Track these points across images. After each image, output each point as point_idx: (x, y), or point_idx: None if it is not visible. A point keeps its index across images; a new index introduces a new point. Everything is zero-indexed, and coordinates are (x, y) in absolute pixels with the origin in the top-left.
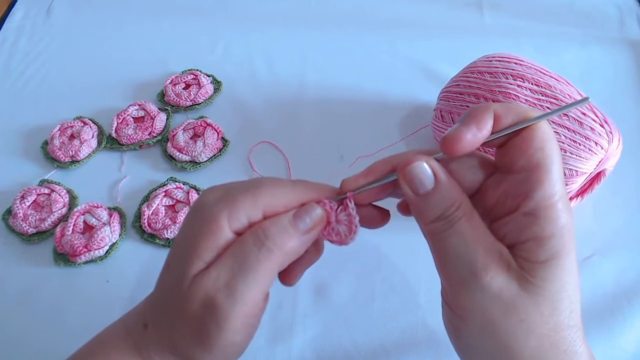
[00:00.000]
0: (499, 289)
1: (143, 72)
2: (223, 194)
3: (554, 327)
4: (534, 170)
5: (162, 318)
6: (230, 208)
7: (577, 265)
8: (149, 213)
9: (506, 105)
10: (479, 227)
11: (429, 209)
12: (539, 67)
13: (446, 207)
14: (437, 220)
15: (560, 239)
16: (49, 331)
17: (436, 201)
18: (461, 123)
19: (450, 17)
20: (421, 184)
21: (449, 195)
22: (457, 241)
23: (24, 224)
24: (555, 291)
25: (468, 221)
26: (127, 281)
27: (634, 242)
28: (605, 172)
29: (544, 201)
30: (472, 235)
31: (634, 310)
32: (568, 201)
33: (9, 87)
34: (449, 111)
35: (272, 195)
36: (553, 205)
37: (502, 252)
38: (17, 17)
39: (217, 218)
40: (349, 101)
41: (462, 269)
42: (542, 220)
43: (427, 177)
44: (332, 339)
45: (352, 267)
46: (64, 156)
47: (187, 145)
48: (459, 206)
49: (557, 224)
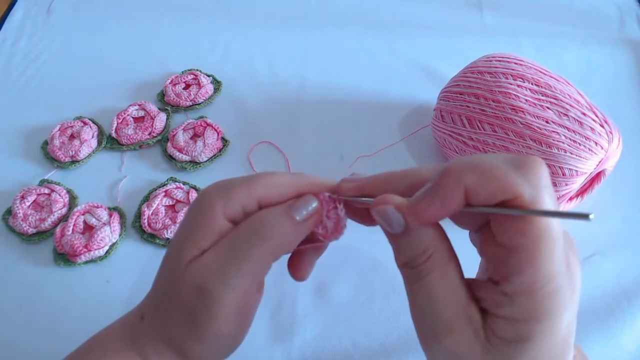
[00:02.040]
0: (459, 355)
1: (143, 72)
2: (221, 185)
3: None
4: (515, 252)
5: (157, 307)
6: (225, 197)
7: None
8: (149, 213)
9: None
10: (451, 285)
11: (399, 250)
12: (539, 67)
13: (414, 255)
14: (405, 266)
15: (534, 325)
16: (49, 331)
17: (405, 246)
18: (425, 194)
19: (450, 17)
20: (390, 226)
21: (418, 243)
22: (424, 296)
23: (24, 224)
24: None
25: (439, 277)
26: (127, 281)
27: (634, 242)
28: (605, 172)
29: (522, 287)
30: (441, 294)
31: (634, 310)
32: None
33: (9, 87)
34: (449, 111)
35: (268, 185)
36: (533, 293)
37: (472, 318)
38: (17, 17)
39: (213, 206)
40: (349, 101)
41: (427, 324)
42: (517, 306)
43: (395, 221)
44: (332, 339)
45: (352, 267)
46: (64, 156)
47: (187, 145)
48: (428, 257)
49: (533, 312)
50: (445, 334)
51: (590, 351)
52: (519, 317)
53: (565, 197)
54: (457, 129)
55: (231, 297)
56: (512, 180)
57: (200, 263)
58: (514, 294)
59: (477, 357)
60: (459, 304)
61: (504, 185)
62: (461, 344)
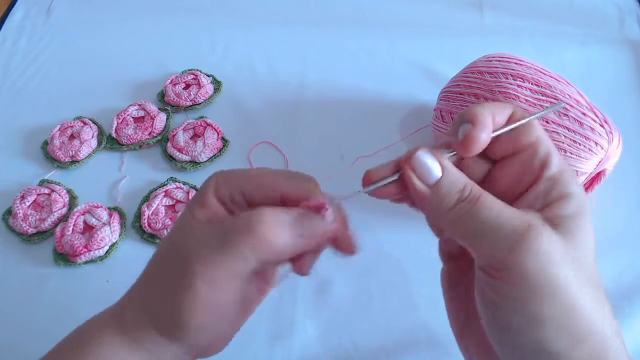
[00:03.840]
0: (549, 247)
1: (143, 72)
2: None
3: (597, 282)
4: (537, 145)
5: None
6: (214, 184)
7: None
8: (149, 213)
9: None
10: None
11: (444, 196)
12: (539, 67)
13: (461, 189)
14: (457, 203)
15: (579, 197)
16: (49, 331)
17: (450, 186)
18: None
19: (450, 17)
20: (430, 173)
21: (460, 177)
22: (489, 214)
23: (24, 224)
24: (588, 245)
25: (489, 197)
26: (127, 281)
27: (634, 242)
28: (605, 172)
29: (560, 166)
30: (501, 206)
31: (634, 310)
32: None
33: (9, 87)
34: (449, 111)
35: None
36: (566, 170)
37: (532, 214)
38: (17, 17)
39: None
40: (349, 101)
41: (504, 239)
42: (564, 181)
43: (434, 164)
44: (332, 339)
45: (352, 267)
46: (64, 156)
47: (187, 145)
48: (471, 187)
49: (573, 185)
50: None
51: None
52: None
53: None
54: None
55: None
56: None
57: (192, 232)
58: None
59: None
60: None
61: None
62: (546, 238)
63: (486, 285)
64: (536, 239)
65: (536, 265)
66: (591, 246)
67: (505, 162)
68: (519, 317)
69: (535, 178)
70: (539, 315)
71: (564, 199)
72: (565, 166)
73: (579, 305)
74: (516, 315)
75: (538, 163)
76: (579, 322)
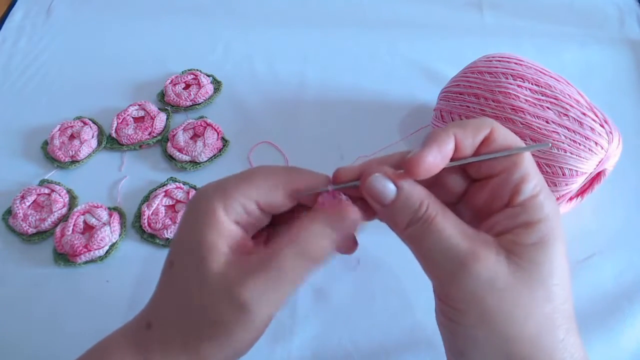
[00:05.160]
0: (491, 275)
1: (143, 72)
2: (216, 187)
3: (550, 313)
4: (513, 169)
5: (171, 315)
6: (225, 201)
7: (566, 258)
8: (149, 213)
9: (461, 124)
10: (455, 220)
11: (398, 216)
12: (539, 67)
13: (415, 210)
14: (410, 224)
15: (547, 223)
16: (49, 331)
17: (403, 207)
18: (422, 145)
19: (450, 17)
20: (383, 195)
21: (414, 198)
22: (438, 237)
23: (24, 224)
24: (547, 275)
25: (444, 218)
26: (127, 281)
27: (634, 242)
28: (605, 172)
29: (533, 192)
30: (452, 228)
31: (634, 310)
32: (549, 191)
33: (9, 87)
34: (449, 111)
35: (265, 185)
36: (538, 195)
37: (487, 239)
38: (17, 17)
39: (215, 211)
40: (349, 101)
41: (450, 263)
42: (530, 209)
43: (387, 187)
44: (332, 339)
45: (352, 267)
46: (64, 156)
47: (187, 145)
48: (427, 205)
49: (543, 211)
50: (471, 259)
51: (591, 351)
52: (534, 218)
53: (565, 197)
54: None
55: (267, 314)
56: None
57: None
58: (525, 200)
59: (505, 272)
60: (471, 234)
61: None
62: (488, 264)
63: (438, 308)
64: (476, 266)
65: (475, 293)
66: (558, 277)
67: (481, 183)
68: (461, 339)
69: (505, 203)
70: (479, 342)
71: (529, 227)
72: (542, 190)
73: (520, 337)
74: (459, 338)
75: (509, 189)
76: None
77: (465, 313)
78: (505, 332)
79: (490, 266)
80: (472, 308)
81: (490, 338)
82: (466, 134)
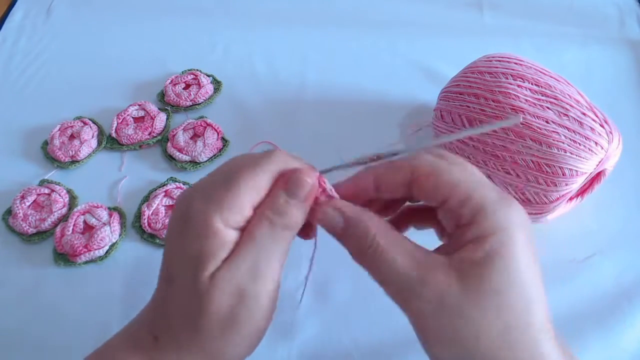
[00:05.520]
0: (440, 297)
1: (143, 72)
2: (207, 194)
3: (503, 329)
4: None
5: (179, 327)
6: (221, 214)
7: (536, 265)
8: (149, 213)
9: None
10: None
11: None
12: (539, 67)
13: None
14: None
15: (498, 236)
16: (49, 331)
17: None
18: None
19: (450, 17)
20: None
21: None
22: (388, 267)
23: (24, 224)
24: (498, 290)
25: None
26: (127, 281)
27: (634, 242)
28: (605, 172)
29: (477, 207)
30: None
31: (634, 310)
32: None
33: (9, 87)
34: (449, 111)
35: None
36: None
37: (437, 261)
38: (17, 17)
39: (213, 225)
40: (349, 101)
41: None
42: (479, 222)
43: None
44: (332, 338)
45: (352, 266)
46: (64, 156)
47: (187, 145)
48: (374, 234)
49: (492, 224)
50: (421, 287)
51: (590, 351)
52: (483, 233)
53: (565, 197)
54: (457, 129)
55: (266, 291)
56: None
57: (230, 271)
58: (476, 216)
59: (455, 293)
60: (421, 258)
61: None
62: (438, 287)
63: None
64: (425, 290)
65: (425, 318)
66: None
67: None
68: (430, 355)
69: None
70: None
71: (477, 242)
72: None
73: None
74: (428, 353)
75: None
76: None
77: (422, 333)
78: (460, 352)
79: (439, 289)
80: (427, 330)
81: (450, 356)
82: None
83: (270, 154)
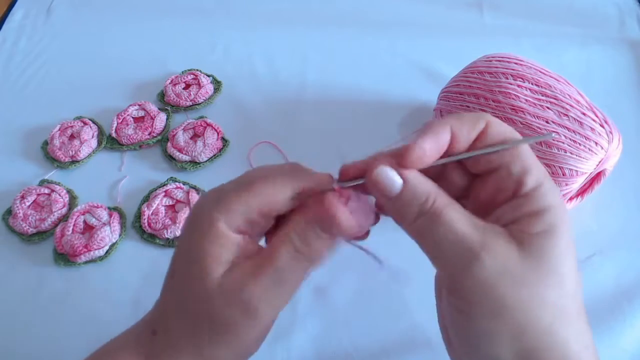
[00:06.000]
0: (503, 264)
1: (143, 72)
2: (217, 198)
3: (563, 302)
4: (514, 162)
5: (176, 322)
6: (226, 214)
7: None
8: (149, 213)
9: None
10: (463, 212)
11: (406, 208)
12: (539, 67)
13: (422, 202)
14: (417, 217)
15: (553, 212)
16: (49, 331)
17: (410, 199)
18: (418, 134)
19: (450, 17)
20: (389, 188)
21: (421, 191)
22: (448, 229)
23: (24, 224)
24: (556, 263)
25: (453, 210)
26: (127, 281)
27: (634, 242)
28: (605, 172)
29: (537, 182)
30: (460, 221)
31: (634, 310)
32: (552, 182)
33: (9, 87)
34: (449, 111)
35: (266, 192)
36: (542, 185)
37: (496, 230)
38: (17, 17)
39: (216, 224)
40: (349, 101)
41: (461, 255)
42: (538, 197)
43: (392, 179)
44: (332, 339)
45: (353, 267)
46: (64, 156)
47: (187, 145)
48: (434, 199)
49: (548, 200)
50: (482, 249)
51: None
52: (540, 207)
53: (565, 197)
54: None
55: (272, 315)
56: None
57: (241, 281)
58: (530, 192)
59: (516, 262)
60: (480, 225)
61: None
62: (500, 253)
63: (446, 300)
64: (488, 256)
65: (485, 285)
66: (568, 265)
67: (484, 177)
68: (473, 333)
69: (509, 196)
70: (488, 332)
71: (535, 216)
72: (545, 180)
73: (536, 327)
74: (471, 332)
75: (512, 182)
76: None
77: (477, 304)
78: (519, 322)
79: (501, 256)
80: (485, 299)
81: (504, 329)
82: (462, 126)
83: (290, 165)
